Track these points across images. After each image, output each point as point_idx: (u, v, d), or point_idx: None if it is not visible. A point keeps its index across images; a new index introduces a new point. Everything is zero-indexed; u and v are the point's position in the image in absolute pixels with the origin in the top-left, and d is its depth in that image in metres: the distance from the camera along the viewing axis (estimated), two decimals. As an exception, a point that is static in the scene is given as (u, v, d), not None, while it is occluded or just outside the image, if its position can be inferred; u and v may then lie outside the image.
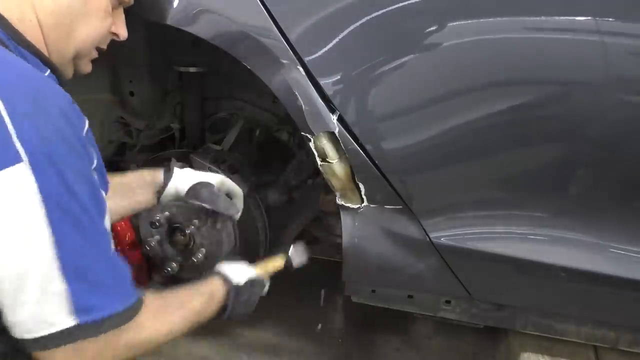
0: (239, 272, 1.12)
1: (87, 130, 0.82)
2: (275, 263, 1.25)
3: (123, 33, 1.03)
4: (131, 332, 0.80)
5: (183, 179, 1.21)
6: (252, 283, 1.12)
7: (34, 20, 0.88)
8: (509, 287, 1.31)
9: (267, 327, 1.87)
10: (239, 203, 1.29)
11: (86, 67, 1.01)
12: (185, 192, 1.20)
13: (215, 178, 1.23)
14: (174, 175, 1.21)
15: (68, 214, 0.72)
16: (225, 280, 1.08)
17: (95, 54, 1.01)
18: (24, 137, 0.69)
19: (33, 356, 0.75)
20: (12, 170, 0.68)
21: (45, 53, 0.90)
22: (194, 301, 0.98)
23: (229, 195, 1.27)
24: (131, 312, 0.80)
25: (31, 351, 0.74)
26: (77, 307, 0.73)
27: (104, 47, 1.02)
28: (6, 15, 0.85)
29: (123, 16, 1.03)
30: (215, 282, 1.07)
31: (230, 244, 1.47)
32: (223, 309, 1.06)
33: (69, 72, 0.98)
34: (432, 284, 1.33)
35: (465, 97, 1.13)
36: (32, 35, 0.88)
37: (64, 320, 0.72)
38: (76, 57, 0.96)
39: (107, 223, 0.81)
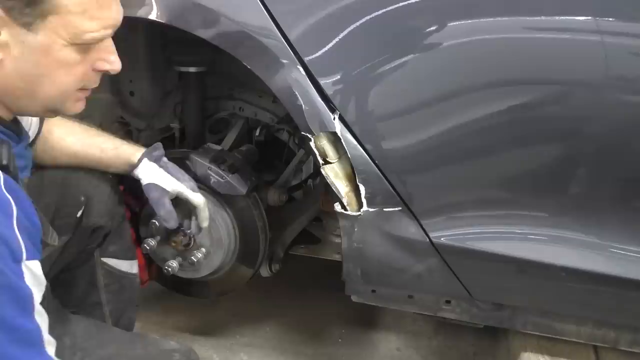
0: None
1: (20, 214, 0.76)
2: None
3: (112, 67, 0.88)
4: None
5: (146, 173, 1.24)
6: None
7: None
8: (509, 287, 1.31)
9: (267, 327, 1.87)
10: (201, 214, 1.32)
11: (73, 109, 0.90)
12: (144, 185, 1.25)
13: (173, 186, 1.26)
14: (141, 164, 1.24)
15: None
16: None
17: (82, 96, 0.90)
18: None
19: None
20: None
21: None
22: None
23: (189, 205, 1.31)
24: None
25: None
26: None
27: (93, 86, 0.90)
28: None
29: (111, 47, 0.88)
30: None
31: (230, 243, 1.47)
32: None
33: (50, 116, 0.92)
34: (432, 284, 1.33)
35: (466, 96, 1.13)
36: None
37: None
38: (49, 111, 0.89)
39: (36, 316, 0.78)
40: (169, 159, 1.30)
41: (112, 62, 0.88)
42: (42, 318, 0.80)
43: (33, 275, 0.77)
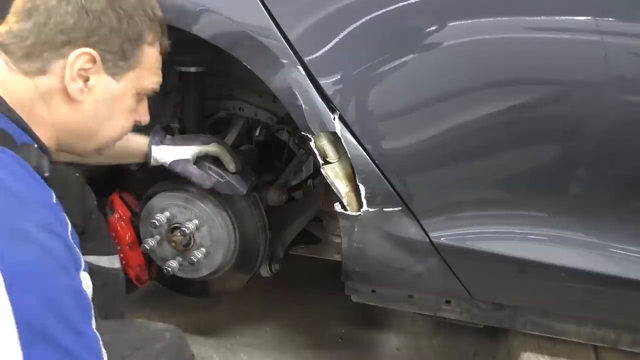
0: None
1: (72, 229, 0.80)
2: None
3: (145, 120, 1.03)
4: None
5: (161, 155, 1.35)
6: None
7: (47, 120, 0.87)
8: (509, 287, 1.31)
9: (267, 327, 1.87)
10: (225, 159, 1.39)
11: (110, 151, 1.04)
12: (167, 166, 1.35)
13: (188, 152, 1.35)
14: (152, 153, 1.34)
15: (44, 337, 0.69)
16: None
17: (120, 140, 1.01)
18: (2, 258, 0.66)
19: None
20: None
21: (47, 143, 0.88)
22: None
23: (214, 158, 1.40)
24: None
25: None
26: None
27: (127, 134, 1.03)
28: (9, 98, 0.82)
29: (146, 103, 1.02)
30: None
31: (230, 243, 1.47)
32: None
33: (90, 156, 1.01)
34: (432, 284, 1.33)
35: (465, 96, 1.13)
36: (39, 129, 0.86)
37: None
38: (97, 149, 0.98)
39: (94, 323, 0.78)
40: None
41: (147, 116, 1.03)
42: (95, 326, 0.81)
43: (87, 285, 0.79)
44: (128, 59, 0.91)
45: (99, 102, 0.89)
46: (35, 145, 0.85)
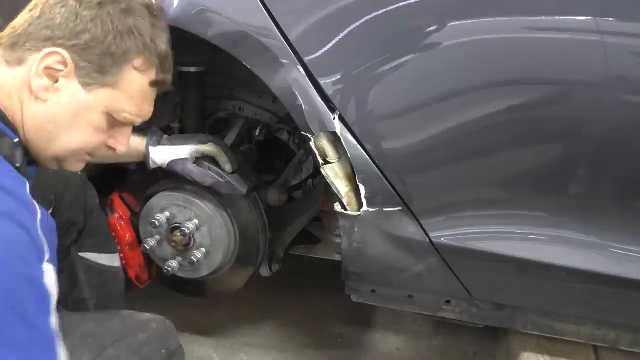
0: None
1: (44, 218, 0.79)
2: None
3: (120, 149, 0.98)
4: None
5: (160, 157, 1.35)
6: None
7: (19, 114, 0.87)
8: (509, 287, 1.31)
9: (267, 327, 1.87)
10: (220, 159, 1.38)
11: (73, 167, 0.98)
12: (166, 167, 1.35)
13: (186, 151, 1.35)
14: (150, 154, 1.34)
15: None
16: None
17: (87, 158, 0.98)
18: None
19: None
20: None
21: (23, 140, 0.88)
22: None
23: (210, 158, 1.38)
24: None
25: None
26: None
27: (98, 156, 1.00)
28: None
29: (129, 133, 0.99)
30: None
31: (230, 243, 1.47)
32: None
33: (51, 166, 0.96)
34: (432, 284, 1.33)
35: (466, 96, 1.13)
36: (15, 122, 0.87)
37: None
38: (56, 159, 0.94)
39: (53, 319, 0.77)
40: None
41: (123, 145, 0.98)
42: (55, 323, 0.79)
43: (50, 278, 0.77)
44: (105, 74, 0.89)
45: (62, 107, 0.88)
46: (17, 140, 0.85)
